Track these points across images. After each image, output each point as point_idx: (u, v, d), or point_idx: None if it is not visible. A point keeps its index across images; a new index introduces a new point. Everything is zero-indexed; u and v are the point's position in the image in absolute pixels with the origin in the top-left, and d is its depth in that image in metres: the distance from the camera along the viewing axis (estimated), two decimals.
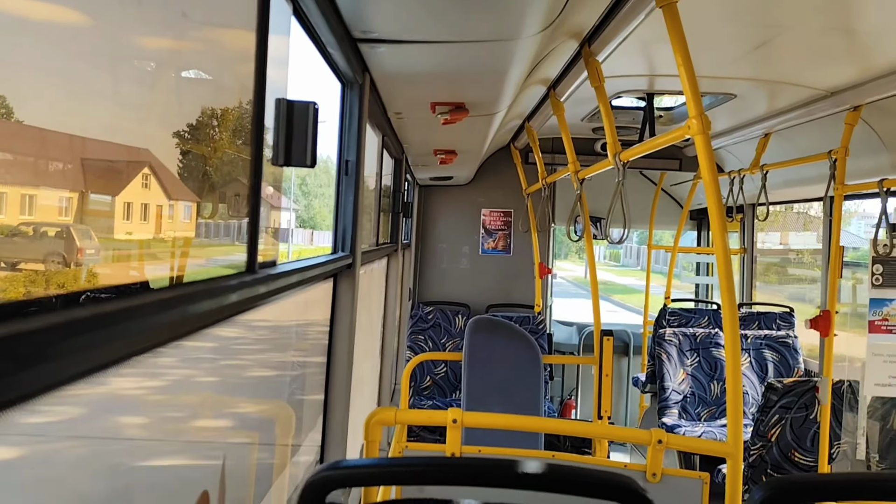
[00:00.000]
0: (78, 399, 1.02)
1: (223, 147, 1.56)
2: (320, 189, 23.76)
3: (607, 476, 1.27)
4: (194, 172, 1.46)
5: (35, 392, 0.77)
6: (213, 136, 1.51)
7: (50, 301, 0.99)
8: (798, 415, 4.50)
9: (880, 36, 3.25)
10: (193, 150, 1.43)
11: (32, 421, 0.88)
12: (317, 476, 1.30)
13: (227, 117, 1.55)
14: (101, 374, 0.92)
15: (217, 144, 1.53)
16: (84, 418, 1.16)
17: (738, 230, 7.68)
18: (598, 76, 3.37)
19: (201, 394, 1.72)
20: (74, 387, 0.85)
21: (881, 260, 4.09)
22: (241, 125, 1.57)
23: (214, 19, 1.52)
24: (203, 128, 1.47)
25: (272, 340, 2.33)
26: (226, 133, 1.56)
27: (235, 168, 1.60)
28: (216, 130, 1.52)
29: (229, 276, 1.42)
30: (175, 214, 1.39)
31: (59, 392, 0.82)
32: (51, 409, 0.90)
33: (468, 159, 5.98)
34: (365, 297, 3.83)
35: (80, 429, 1.17)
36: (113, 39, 1.11)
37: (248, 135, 1.54)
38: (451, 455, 2.48)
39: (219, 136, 1.54)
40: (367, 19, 2.18)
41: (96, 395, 1.11)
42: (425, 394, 7.19)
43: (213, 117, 1.50)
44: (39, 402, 0.78)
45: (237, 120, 1.58)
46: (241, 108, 1.56)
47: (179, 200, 1.40)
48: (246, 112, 1.54)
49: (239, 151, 1.58)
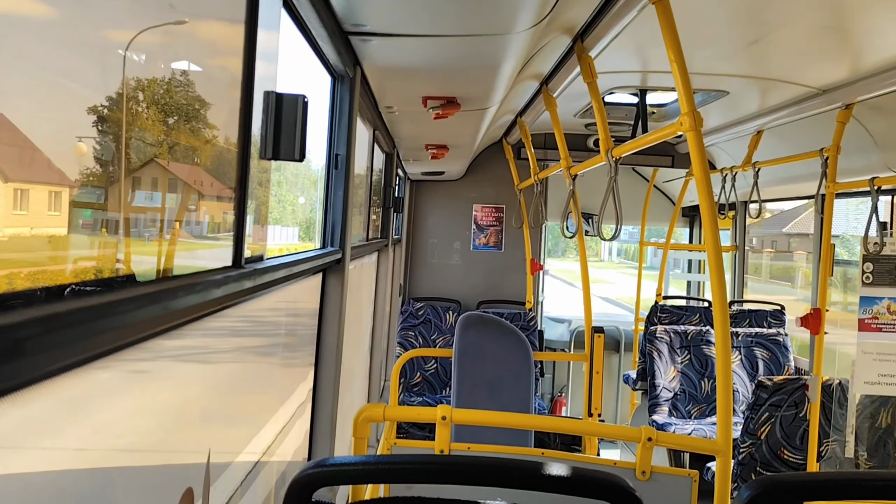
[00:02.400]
0: (58, 394, 1.01)
1: (210, 139, 1.54)
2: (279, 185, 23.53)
3: (596, 475, 1.26)
4: (180, 164, 1.44)
5: (14, 387, 0.75)
6: (199, 128, 1.49)
7: (33, 294, 0.98)
8: (788, 413, 4.51)
9: (872, 35, 3.25)
10: (180, 143, 1.41)
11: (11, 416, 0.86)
12: (303, 474, 1.28)
13: (215, 109, 1.53)
14: (83, 369, 0.90)
15: (204, 137, 1.51)
16: (64, 414, 1.14)
17: (731, 227, 7.69)
18: (590, 72, 3.36)
19: (186, 389, 1.71)
20: (54, 381, 0.83)
21: (871, 258, 4.09)
22: (229, 118, 1.55)
23: (202, 10, 1.50)
24: (189, 120, 1.45)
25: (259, 336, 2.31)
26: (213, 125, 1.54)
27: (222, 161, 1.58)
28: (203, 123, 1.50)
29: (215, 270, 1.41)
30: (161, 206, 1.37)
31: (38, 387, 0.80)
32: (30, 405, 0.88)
33: (460, 154, 5.96)
34: (354, 293, 3.82)
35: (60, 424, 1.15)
36: (98, 29, 1.09)
37: (236, 128, 1.52)
38: (440, 452, 2.47)
39: (206, 128, 1.52)
40: (359, 12, 2.16)
41: (77, 390, 1.09)
42: (415, 390, 7.18)
43: (201, 109, 1.48)
44: (18, 396, 0.76)
45: (225, 112, 1.56)
46: (229, 101, 1.54)
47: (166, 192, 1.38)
48: (234, 104, 1.52)
49: (226, 144, 1.56)
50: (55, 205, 1.03)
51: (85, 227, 1.14)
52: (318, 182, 2.85)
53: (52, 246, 1.07)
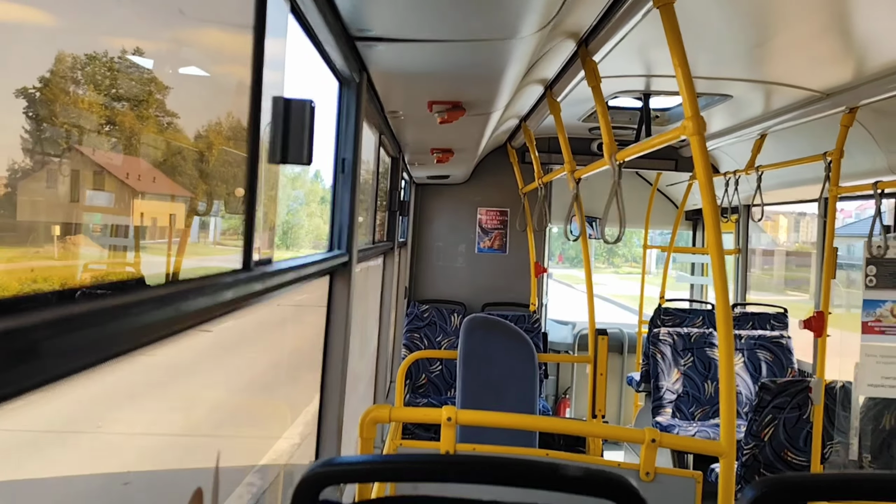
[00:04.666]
0: (72, 396, 1.03)
1: (220, 144, 1.56)
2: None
3: (601, 474, 1.27)
4: (190, 169, 1.46)
5: (29, 388, 0.77)
6: (210, 133, 1.51)
7: (45, 297, 1.00)
8: (791, 415, 4.51)
9: (876, 38, 3.26)
10: (190, 147, 1.43)
11: (27, 417, 0.88)
12: (311, 473, 1.30)
13: (224, 114, 1.55)
14: (95, 371, 0.92)
15: (214, 141, 1.54)
16: (78, 415, 1.16)
17: (734, 231, 7.70)
18: (594, 76, 3.38)
19: (196, 391, 1.72)
20: (68, 383, 0.85)
21: (875, 261, 4.10)
22: (238, 123, 1.57)
23: (211, 17, 1.52)
24: (200, 124, 1.47)
25: (268, 338, 2.33)
26: (223, 131, 1.56)
27: (232, 166, 1.60)
28: (214, 128, 1.52)
29: (225, 273, 1.42)
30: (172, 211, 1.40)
31: (52, 388, 0.82)
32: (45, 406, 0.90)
33: (465, 158, 5.98)
34: (361, 295, 3.83)
35: (74, 425, 1.17)
36: (109, 36, 1.11)
37: (245, 132, 1.54)
38: (445, 453, 2.49)
39: (216, 133, 1.54)
40: (365, 18, 2.18)
41: (90, 391, 1.11)
42: (420, 392, 7.19)
43: (211, 115, 1.50)
44: (33, 398, 0.78)
45: (234, 117, 1.58)
46: (239, 106, 1.56)
47: (176, 197, 1.40)
48: (243, 109, 1.54)
49: (236, 149, 1.59)
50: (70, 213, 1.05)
51: (95, 231, 1.16)
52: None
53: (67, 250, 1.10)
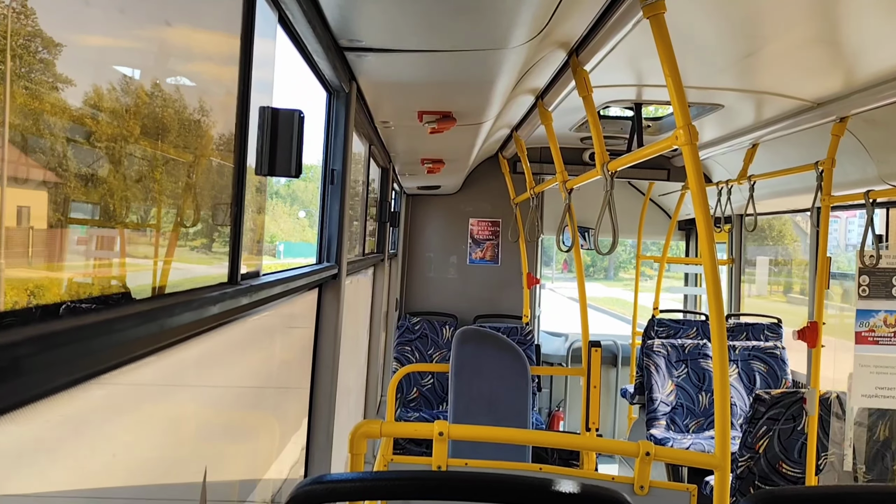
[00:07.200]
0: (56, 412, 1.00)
1: (206, 155, 1.54)
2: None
3: (595, 490, 1.25)
4: (176, 180, 1.44)
5: (13, 405, 0.75)
6: (195, 144, 1.49)
7: (30, 312, 0.97)
8: (786, 426, 4.50)
9: (866, 48, 3.26)
10: (176, 158, 1.41)
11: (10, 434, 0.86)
12: (300, 490, 1.27)
13: (210, 125, 1.53)
14: (80, 387, 0.90)
15: (200, 152, 1.51)
16: (62, 432, 1.13)
17: (727, 241, 7.70)
18: (585, 86, 3.37)
19: (183, 406, 1.70)
20: (52, 400, 0.83)
21: (867, 271, 4.10)
22: (224, 133, 1.55)
23: (199, 26, 1.50)
24: (186, 135, 1.44)
25: (255, 352, 2.30)
26: (209, 141, 1.54)
27: (218, 177, 1.58)
28: (199, 138, 1.50)
29: (211, 286, 1.40)
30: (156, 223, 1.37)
31: (36, 405, 0.80)
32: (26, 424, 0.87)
33: (456, 168, 5.97)
34: (351, 308, 3.81)
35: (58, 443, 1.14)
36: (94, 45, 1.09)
37: (232, 143, 1.52)
38: (437, 468, 2.46)
39: (202, 144, 1.52)
40: (354, 28, 2.16)
41: (75, 408, 1.08)
42: (412, 406, 7.15)
43: (197, 125, 1.48)
44: (17, 415, 0.76)
45: (221, 128, 1.55)
46: (226, 116, 1.54)
47: (161, 208, 1.38)
48: (230, 120, 1.52)
49: (222, 160, 1.56)
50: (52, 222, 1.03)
51: (80, 243, 1.14)
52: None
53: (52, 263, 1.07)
